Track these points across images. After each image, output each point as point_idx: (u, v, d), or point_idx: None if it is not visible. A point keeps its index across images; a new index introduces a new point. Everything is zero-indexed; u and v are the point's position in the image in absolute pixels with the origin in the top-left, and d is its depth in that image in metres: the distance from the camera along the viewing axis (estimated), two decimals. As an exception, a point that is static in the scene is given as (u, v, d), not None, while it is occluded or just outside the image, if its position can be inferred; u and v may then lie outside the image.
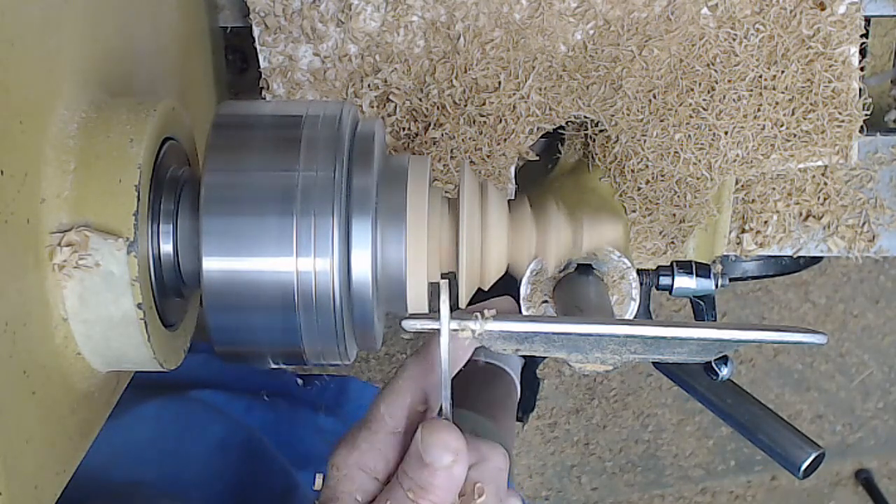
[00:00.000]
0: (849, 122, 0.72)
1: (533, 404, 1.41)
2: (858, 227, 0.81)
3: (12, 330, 0.40)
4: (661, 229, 0.75)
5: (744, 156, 0.72)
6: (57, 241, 0.43)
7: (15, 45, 0.40)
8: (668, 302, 1.68)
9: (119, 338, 0.46)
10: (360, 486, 0.45)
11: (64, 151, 0.44)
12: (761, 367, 1.81)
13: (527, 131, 0.72)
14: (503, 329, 0.45)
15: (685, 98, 0.71)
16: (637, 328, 0.45)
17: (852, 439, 1.86)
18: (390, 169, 0.49)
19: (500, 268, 0.51)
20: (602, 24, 0.71)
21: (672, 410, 1.82)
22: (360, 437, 0.46)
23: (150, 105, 0.48)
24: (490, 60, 0.71)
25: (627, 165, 0.73)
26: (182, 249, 0.48)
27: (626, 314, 0.57)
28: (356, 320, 0.48)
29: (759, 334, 0.44)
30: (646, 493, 1.87)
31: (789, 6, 0.70)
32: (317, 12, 0.71)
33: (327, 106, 0.49)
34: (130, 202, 0.45)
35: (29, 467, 0.42)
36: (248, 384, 0.92)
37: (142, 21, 0.58)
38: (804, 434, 0.85)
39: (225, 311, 0.46)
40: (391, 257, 0.47)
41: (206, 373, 0.89)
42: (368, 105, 0.73)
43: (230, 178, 0.46)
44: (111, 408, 0.52)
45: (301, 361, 0.49)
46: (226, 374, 0.91)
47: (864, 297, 1.78)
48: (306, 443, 0.89)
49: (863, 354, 1.82)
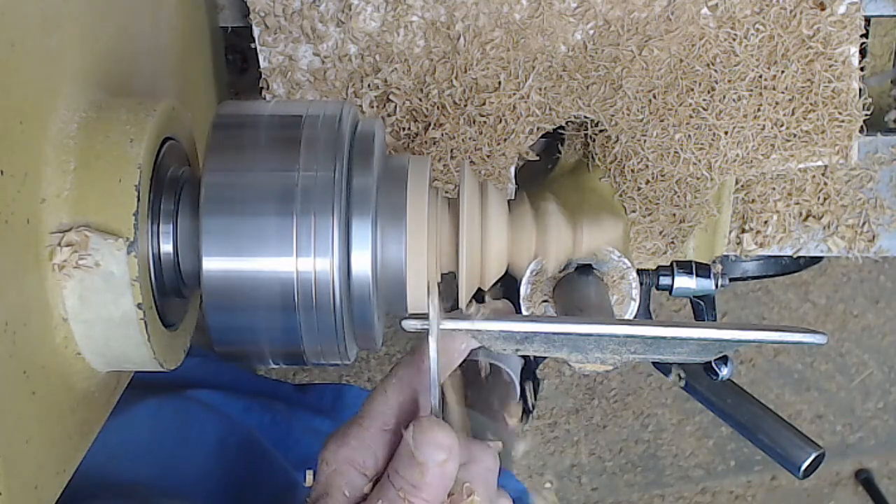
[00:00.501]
0: (849, 122, 0.72)
1: (533, 404, 1.41)
2: (858, 227, 0.81)
3: (12, 330, 0.40)
4: (661, 229, 0.75)
5: (744, 156, 0.72)
6: (57, 241, 0.43)
7: (15, 46, 0.40)
8: (668, 302, 1.68)
9: (119, 338, 0.46)
10: (349, 481, 0.45)
11: (64, 151, 0.44)
12: (761, 367, 1.81)
13: (527, 131, 0.72)
14: (503, 329, 0.45)
15: (685, 98, 0.71)
16: (637, 328, 0.45)
17: (852, 439, 1.86)
18: (390, 169, 0.49)
19: (500, 268, 0.51)
20: (602, 24, 0.71)
21: (672, 410, 1.82)
22: (350, 433, 0.46)
23: (150, 105, 0.48)
24: (490, 60, 0.71)
25: (627, 165, 0.73)
26: (182, 249, 0.48)
27: (626, 314, 0.57)
28: (356, 320, 0.48)
29: (759, 334, 0.44)
30: (646, 493, 1.87)
31: (789, 6, 0.70)
32: (317, 12, 0.71)
33: (327, 106, 0.49)
34: (130, 202, 0.45)
35: (29, 467, 0.42)
36: (245, 387, 0.93)
37: (142, 21, 0.58)
38: (804, 434, 0.85)
39: (225, 311, 0.46)
40: (391, 257, 0.47)
41: (203, 375, 0.89)
42: (368, 105, 0.73)
43: (230, 178, 0.46)
44: (111, 408, 0.52)
45: (301, 361, 0.49)
46: (223, 377, 0.91)
47: (864, 297, 1.78)
48: (303, 444, 0.89)
49: (863, 354, 1.82)
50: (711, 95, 0.71)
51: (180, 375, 0.60)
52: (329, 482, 0.45)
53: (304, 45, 0.72)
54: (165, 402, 0.81)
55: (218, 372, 0.91)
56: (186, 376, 0.85)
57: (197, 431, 0.81)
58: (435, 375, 0.45)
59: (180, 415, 0.82)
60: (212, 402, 0.85)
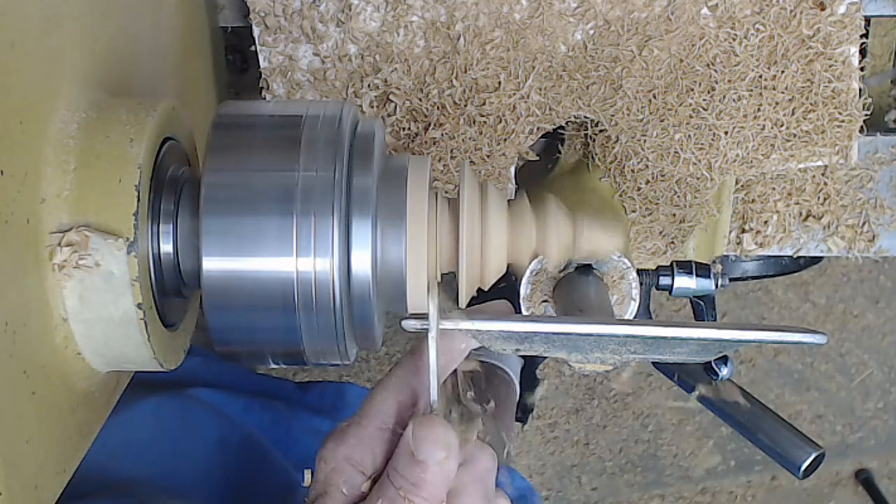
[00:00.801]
0: (849, 122, 0.72)
1: (533, 404, 1.41)
2: (858, 227, 0.81)
3: (12, 330, 0.40)
4: (661, 229, 0.75)
5: (744, 156, 0.72)
6: (57, 241, 0.43)
7: (15, 46, 0.40)
8: (668, 302, 1.68)
9: (119, 338, 0.46)
10: (347, 480, 0.45)
11: (64, 151, 0.44)
12: (761, 367, 1.81)
13: (527, 131, 0.72)
14: (503, 329, 0.45)
15: (685, 98, 0.71)
16: (637, 328, 0.45)
17: (852, 439, 1.86)
18: (390, 169, 0.49)
19: (500, 268, 0.51)
20: (602, 24, 0.71)
21: (672, 410, 1.82)
22: (349, 431, 0.46)
23: (150, 105, 0.48)
24: (490, 60, 0.71)
25: (627, 165, 0.73)
26: (182, 249, 0.48)
27: (626, 314, 0.57)
28: (356, 320, 0.48)
29: (759, 334, 0.44)
30: (646, 493, 1.87)
31: (789, 6, 0.70)
32: (317, 12, 0.71)
33: (327, 106, 0.49)
34: (130, 202, 0.45)
35: (29, 467, 0.42)
36: (245, 386, 0.93)
37: (142, 21, 0.58)
38: (804, 434, 0.85)
39: (225, 311, 0.46)
40: (391, 257, 0.47)
41: (204, 374, 0.89)
42: (368, 105, 0.73)
43: (230, 178, 0.46)
44: (111, 408, 0.52)
45: (301, 361, 0.49)
46: (223, 377, 0.91)
47: (864, 297, 1.78)
48: (303, 444, 0.89)
49: (863, 354, 1.82)
50: (711, 95, 0.71)
51: (181, 375, 0.59)
52: (327, 481, 0.45)
53: (304, 45, 0.72)
54: (166, 400, 0.81)
55: (219, 371, 0.91)
56: (187, 375, 0.85)
57: (197, 430, 0.81)
58: (434, 375, 0.45)
59: (180, 414, 0.82)
60: (212, 401, 0.85)
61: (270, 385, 0.97)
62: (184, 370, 0.53)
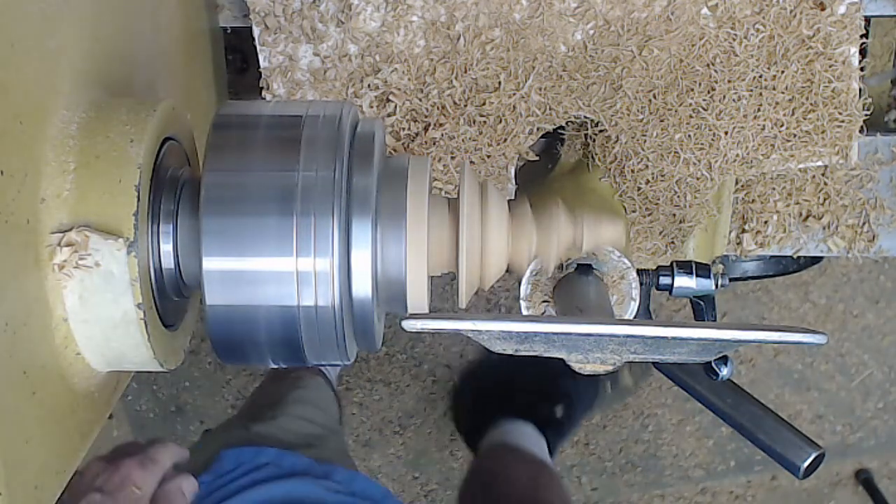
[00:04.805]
0: (849, 122, 0.72)
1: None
2: (858, 227, 0.81)
3: (12, 330, 0.40)
4: (661, 229, 0.75)
5: (744, 156, 0.72)
6: (57, 241, 0.43)
7: (15, 46, 0.40)
8: (668, 302, 1.68)
9: (119, 338, 0.46)
10: None
11: (64, 151, 0.44)
12: (761, 367, 1.81)
13: (527, 131, 0.72)
14: (503, 329, 0.45)
15: (685, 98, 0.71)
16: (637, 328, 0.45)
17: (852, 439, 1.86)
18: (390, 169, 0.49)
19: (500, 268, 0.51)
20: (602, 24, 0.71)
21: (672, 410, 1.82)
22: None
23: (150, 105, 0.48)
24: (490, 60, 0.71)
25: (627, 165, 0.73)
26: (182, 249, 0.48)
27: (626, 314, 0.57)
28: (356, 320, 0.48)
29: (759, 334, 0.44)
30: (646, 493, 1.87)
31: (789, 6, 0.70)
32: (317, 12, 0.71)
33: (327, 106, 0.49)
34: (130, 202, 0.45)
35: (29, 467, 0.42)
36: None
37: (142, 21, 0.58)
38: (804, 434, 0.84)
39: (225, 311, 0.46)
40: (391, 257, 0.47)
41: None
42: (368, 105, 0.73)
43: (230, 178, 0.46)
44: (111, 408, 0.52)
45: (301, 361, 0.49)
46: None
47: (864, 297, 1.78)
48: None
49: (863, 354, 1.82)
50: (711, 95, 0.71)
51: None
52: None
53: (304, 45, 0.72)
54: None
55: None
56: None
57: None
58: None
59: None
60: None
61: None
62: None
